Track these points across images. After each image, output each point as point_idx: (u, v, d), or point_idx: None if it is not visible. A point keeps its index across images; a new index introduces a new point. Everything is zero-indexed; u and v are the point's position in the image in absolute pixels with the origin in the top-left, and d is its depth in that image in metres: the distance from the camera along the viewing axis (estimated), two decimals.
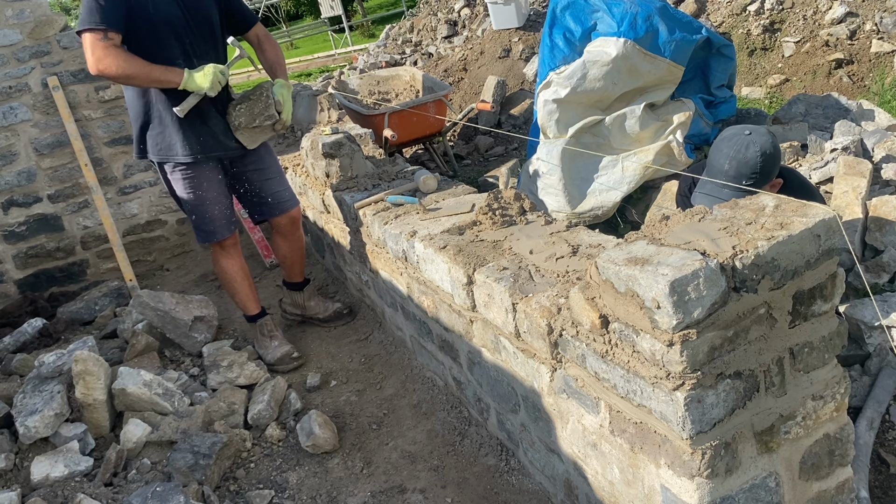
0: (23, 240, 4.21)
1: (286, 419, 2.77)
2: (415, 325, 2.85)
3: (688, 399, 1.40)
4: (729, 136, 2.32)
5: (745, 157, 2.23)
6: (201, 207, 2.98)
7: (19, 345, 3.49)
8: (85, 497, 2.23)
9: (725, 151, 2.28)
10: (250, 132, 2.93)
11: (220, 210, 3.03)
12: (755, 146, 2.23)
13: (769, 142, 2.25)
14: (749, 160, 2.22)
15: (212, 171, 2.97)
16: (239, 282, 3.19)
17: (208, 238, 3.06)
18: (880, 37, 5.65)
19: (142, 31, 2.71)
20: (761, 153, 2.22)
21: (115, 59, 2.61)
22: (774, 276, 1.43)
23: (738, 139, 2.27)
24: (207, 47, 2.91)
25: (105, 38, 2.61)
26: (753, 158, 2.22)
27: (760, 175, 2.23)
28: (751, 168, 2.22)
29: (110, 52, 2.61)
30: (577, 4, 4.25)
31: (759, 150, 2.22)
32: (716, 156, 2.31)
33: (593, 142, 4.19)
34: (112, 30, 2.61)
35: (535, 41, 7.04)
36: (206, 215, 3.00)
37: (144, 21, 2.70)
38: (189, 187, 2.93)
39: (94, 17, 2.59)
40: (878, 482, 2.20)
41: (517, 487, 2.27)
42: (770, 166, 2.25)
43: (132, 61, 2.64)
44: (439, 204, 2.79)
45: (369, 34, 17.99)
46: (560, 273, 1.97)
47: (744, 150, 2.23)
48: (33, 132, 4.12)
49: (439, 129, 5.49)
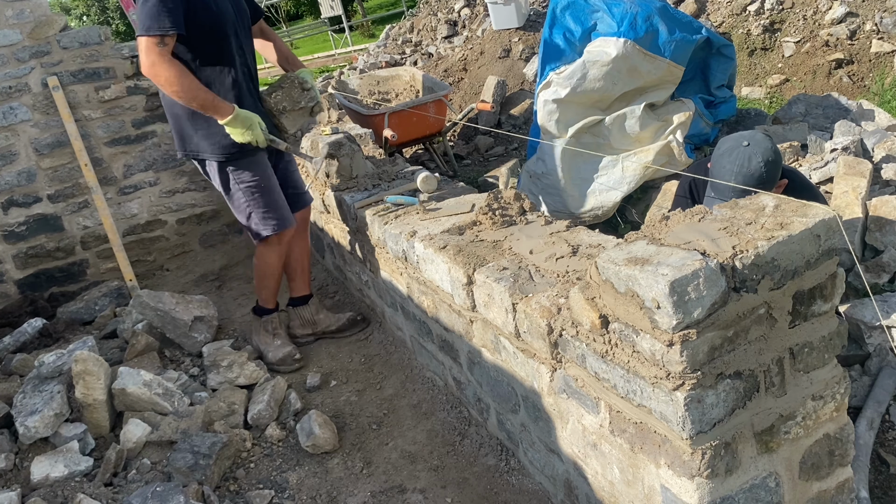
0: (23, 240, 4.20)
1: (286, 419, 2.77)
2: (415, 325, 2.85)
3: (688, 399, 1.40)
4: (727, 150, 2.27)
5: (750, 171, 2.19)
6: (270, 197, 2.98)
7: (19, 345, 3.48)
8: (85, 497, 2.23)
9: (728, 168, 2.24)
10: (293, 115, 3.00)
11: (282, 199, 3.05)
12: (757, 157, 2.20)
13: (769, 148, 2.23)
14: (754, 172, 2.19)
15: (267, 162, 3.02)
16: (276, 278, 3.20)
17: (279, 227, 3.00)
18: (880, 37, 5.66)
19: (205, 30, 2.76)
20: (764, 163, 2.20)
21: (167, 70, 2.64)
22: (774, 276, 1.43)
23: (738, 153, 2.23)
24: (249, 41, 3.03)
25: (161, 43, 2.64)
26: (758, 170, 2.19)
27: (767, 183, 2.20)
28: (756, 180, 2.18)
29: (164, 59, 2.64)
30: (577, 4, 4.25)
31: (761, 161, 2.20)
32: (719, 172, 2.26)
33: (593, 142, 4.19)
34: (169, 35, 2.64)
35: (535, 41, 7.04)
36: (275, 204, 3.00)
37: (207, 19, 2.75)
38: (259, 179, 2.94)
39: (154, 22, 2.62)
40: (878, 482, 2.20)
41: (517, 487, 2.27)
42: (774, 171, 2.24)
43: (183, 78, 2.67)
44: (439, 204, 2.79)
45: (369, 34, 18.00)
46: (560, 273, 1.97)
47: (746, 163, 2.20)
48: (33, 132, 4.12)
49: (439, 129, 5.49)
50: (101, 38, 4.20)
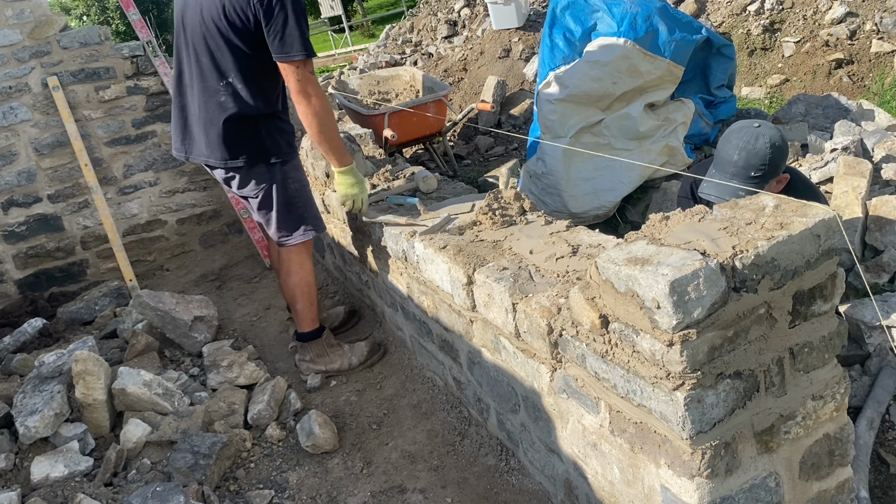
0: (23, 240, 4.21)
1: (286, 419, 2.77)
2: (415, 325, 2.85)
3: (688, 399, 1.40)
4: (738, 127, 2.34)
5: (755, 148, 2.24)
6: (311, 198, 2.98)
7: (19, 345, 3.48)
8: (85, 497, 2.23)
9: (735, 142, 2.29)
10: None
11: None
12: (765, 138, 2.25)
13: (778, 135, 2.28)
14: (759, 151, 2.24)
15: None
16: (315, 288, 3.05)
17: (319, 227, 2.97)
18: (880, 37, 5.66)
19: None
20: (770, 145, 2.24)
21: (323, 98, 2.65)
22: (774, 276, 1.43)
23: (747, 131, 2.29)
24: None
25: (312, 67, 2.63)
26: (763, 150, 2.24)
27: (769, 167, 2.25)
28: (760, 159, 2.23)
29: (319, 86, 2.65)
30: (577, 4, 4.25)
31: (768, 142, 2.24)
32: (725, 147, 2.32)
33: (593, 142, 4.19)
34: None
35: (535, 41, 7.04)
36: (314, 204, 2.99)
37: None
38: (303, 178, 2.94)
39: (307, 45, 2.56)
40: (878, 482, 2.20)
41: (517, 487, 2.27)
42: (778, 159, 2.27)
43: (331, 111, 2.70)
44: (439, 204, 2.79)
45: (369, 34, 18.00)
46: (560, 273, 1.97)
47: (753, 141, 2.25)
48: (33, 132, 4.12)
49: (439, 129, 5.49)
50: (101, 38, 4.21)
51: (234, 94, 2.69)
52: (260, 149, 2.80)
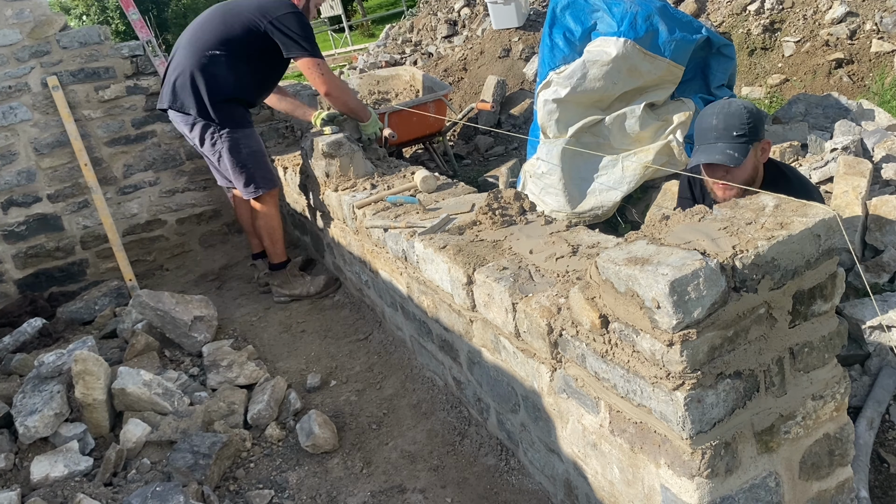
0: (22, 239, 4.20)
1: (286, 419, 2.77)
2: (415, 325, 2.85)
3: (688, 399, 1.40)
4: (711, 103, 2.48)
5: (731, 110, 2.33)
6: (264, 159, 3.64)
7: (19, 345, 3.48)
8: (85, 497, 2.22)
9: (710, 111, 2.40)
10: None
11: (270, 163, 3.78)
12: (737, 102, 2.38)
13: (750, 103, 2.40)
14: (735, 111, 2.32)
15: None
16: (281, 229, 3.78)
17: (271, 184, 3.65)
18: (880, 36, 5.66)
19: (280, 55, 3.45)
20: (744, 106, 2.34)
21: (341, 88, 3.52)
22: (774, 276, 1.43)
23: (719, 102, 2.44)
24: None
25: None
26: (739, 110, 2.32)
27: (749, 127, 2.30)
28: (738, 118, 2.30)
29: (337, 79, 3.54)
30: (577, 4, 4.25)
31: (741, 104, 2.35)
32: (701, 121, 2.42)
33: (593, 142, 4.19)
34: None
35: (535, 41, 7.04)
36: (268, 165, 3.68)
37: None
38: (256, 143, 3.60)
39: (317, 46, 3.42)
40: (878, 482, 2.20)
41: (517, 487, 2.27)
42: (757, 121, 2.33)
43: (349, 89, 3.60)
44: (439, 204, 2.79)
45: (369, 34, 18.00)
46: (560, 273, 1.97)
47: (727, 105, 2.36)
48: (33, 132, 4.12)
49: (439, 129, 5.49)
50: (100, 37, 4.20)
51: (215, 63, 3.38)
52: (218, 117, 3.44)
